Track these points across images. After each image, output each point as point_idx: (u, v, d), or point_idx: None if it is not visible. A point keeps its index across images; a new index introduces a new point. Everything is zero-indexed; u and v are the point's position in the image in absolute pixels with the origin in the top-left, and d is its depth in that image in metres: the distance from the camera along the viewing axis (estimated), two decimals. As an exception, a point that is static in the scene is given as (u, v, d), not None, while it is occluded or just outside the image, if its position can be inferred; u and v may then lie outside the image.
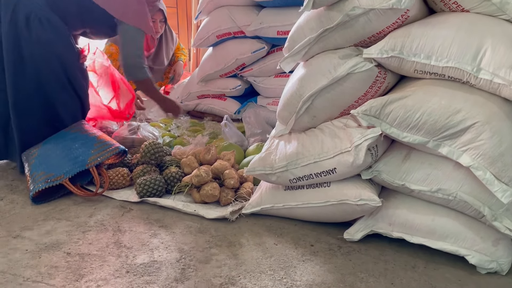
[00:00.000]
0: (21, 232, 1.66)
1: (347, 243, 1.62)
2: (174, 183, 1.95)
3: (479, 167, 1.32)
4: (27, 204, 1.89)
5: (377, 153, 1.52)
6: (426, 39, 1.38)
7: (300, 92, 1.60)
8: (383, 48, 1.44)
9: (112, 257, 1.51)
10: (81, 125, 2.14)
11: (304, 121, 1.66)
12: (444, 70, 1.38)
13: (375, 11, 1.41)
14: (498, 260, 1.44)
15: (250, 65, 2.78)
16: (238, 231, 1.70)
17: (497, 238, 1.45)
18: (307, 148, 1.61)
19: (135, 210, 1.85)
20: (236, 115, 2.88)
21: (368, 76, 1.49)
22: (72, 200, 1.92)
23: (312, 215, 1.69)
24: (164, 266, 1.47)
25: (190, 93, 3.08)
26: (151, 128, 2.51)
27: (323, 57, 1.58)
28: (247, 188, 1.91)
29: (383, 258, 1.54)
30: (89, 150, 1.97)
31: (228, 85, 2.90)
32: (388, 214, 1.56)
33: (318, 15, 1.55)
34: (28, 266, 1.46)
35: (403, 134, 1.43)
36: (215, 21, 2.80)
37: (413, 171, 1.47)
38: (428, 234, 1.50)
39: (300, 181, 1.65)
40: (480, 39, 1.33)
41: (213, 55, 2.90)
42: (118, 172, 2.02)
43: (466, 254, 1.46)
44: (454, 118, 1.34)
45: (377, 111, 1.44)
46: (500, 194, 1.30)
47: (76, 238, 1.63)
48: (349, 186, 1.57)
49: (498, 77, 1.29)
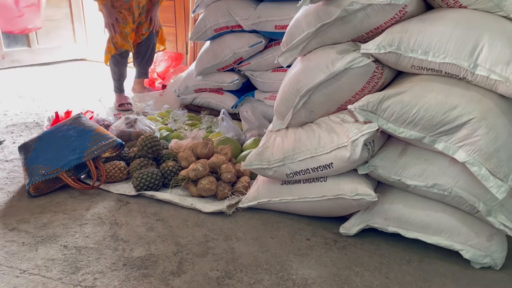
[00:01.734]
0: (18, 225, 1.66)
1: (343, 238, 1.64)
2: (171, 177, 1.96)
3: (474, 163, 1.33)
4: (24, 197, 1.89)
5: (373, 148, 1.53)
6: (424, 35, 1.38)
7: (297, 87, 1.60)
8: (380, 44, 1.44)
9: (109, 250, 1.52)
10: (78, 119, 2.13)
11: (301, 116, 1.66)
12: (441, 66, 1.38)
13: (373, 6, 1.41)
14: (492, 255, 1.45)
15: (248, 59, 2.78)
16: (235, 225, 1.71)
17: (491, 233, 1.46)
18: (304, 143, 1.61)
19: (132, 204, 1.85)
20: (233, 109, 2.88)
21: (365, 71, 1.49)
22: (69, 193, 1.92)
23: (308, 209, 1.70)
24: (160, 260, 1.47)
25: (187, 87, 3.07)
26: (148, 122, 2.50)
27: (320, 52, 1.58)
28: (244, 182, 1.92)
29: (379, 253, 1.56)
30: (86, 143, 1.96)
31: (226, 79, 2.89)
32: (384, 209, 1.57)
33: (316, 10, 1.54)
34: (25, 258, 1.46)
35: (399, 130, 1.44)
36: (213, 14, 2.79)
37: (409, 166, 1.48)
38: (423, 229, 1.51)
39: (296, 176, 1.65)
40: (477, 36, 1.33)
41: (211, 49, 2.89)
42: (115, 165, 2.02)
43: (460, 249, 1.47)
44: (451, 114, 1.34)
45: (374, 107, 1.44)
46: (495, 189, 1.31)
47: (72, 231, 1.63)
48: (346, 181, 1.58)
49: (495, 73, 1.30)
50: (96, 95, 3.53)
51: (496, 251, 1.45)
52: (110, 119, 2.58)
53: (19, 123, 2.86)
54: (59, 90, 3.75)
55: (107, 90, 3.55)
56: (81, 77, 4.10)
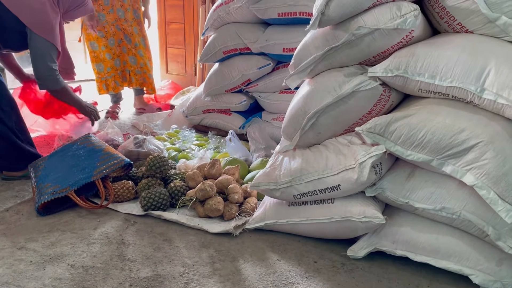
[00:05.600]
0: (26, 244, 1.67)
1: (350, 261, 1.62)
2: (179, 197, 1.96)
3: (482, 186, 1.32)
4: (33, 215, 1.90)
5: (381, 170, 1.53)
6: (430, 59, 1.40)
7: (305, 108, 1.61)
8: (388, 67, 1.46)
9: (115, 270, 1.51)
10: (88, 138, 2.16)
11: (309, 138, 1.67)
12: (448, 89, 1.39)
13: (380, 31, 1.44)
14: (502, 280, 1.43)
15: (256, 81, 2.81)
16: (242, 246, 1.70)
17: (501, 258, 1.44)
18: (312, 164, 1.62)
19: (139, 223, 1.85)
20: (240, 130, 2.90)
21: (372, 94, 1.51)
22: (77, 212, 1.93)
23: (315, 231, 1.70)
24: (167, 280, 1.47)
25: (195, 108, 3.10)
26: (157, 142, 2.53)
27: (328, 75, 1.60)
28: (251, 203, 1.92)
29: (387, 276, 1.54)
30: (95, 163, 1.99)
31: (234, 100, 2.92)
32: (392, 232, 1.56)
33: (324, 34, 1.57)
34: (32, 277, 1.46)
35: (407, 152, 1.44)
36: (222, 37, 2.84)
37: (417, 189, 1.48)
38: (432, 253, 1.50)
39: (304, 197, 1.65)
40: (484, 60, 1.35)
41: (219, 70, 2.93)
42: (123, 185, 2.04)
43: (470, 273, 1.45)
44: (458, 137, 1.35)
45: (381, 129, 1.45)
46: (504, 213, 1.30)
47: (80, 250, 1.63)
48: (353, 203, 1.58)
49: (502, 97, 1.31)
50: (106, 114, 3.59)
51: (506, 276, 1.43)
52: (119, 139, 2.61)
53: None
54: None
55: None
56: (91, 97, 4.15)
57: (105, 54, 3.37)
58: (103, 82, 3.44)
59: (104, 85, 3.45)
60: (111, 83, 3.46)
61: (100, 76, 3.42)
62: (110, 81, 3.45)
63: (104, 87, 3.46)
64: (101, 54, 3.36)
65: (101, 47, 3.35)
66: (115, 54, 3.40)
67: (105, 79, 3.42)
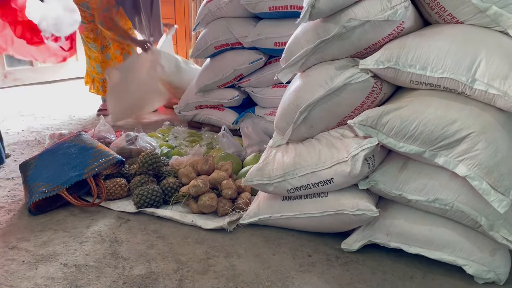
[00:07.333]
0: (18, 243, 1.65)
1: (344, 254, 1.62)
2: (172, 194, 1.95)
3: (475, 177, 1.33)
4: (24, 215, 1.88)
5: (374, 163, 1.53)
6: (421, 50, 1.39)
7: (297, 102, 1.61)
8: (379, 59, 1.45)
9: (109, 268, 1.50)
10: (79, 136, 2.14)
11: (301, 131, 1.67)
12: (439, 80, 1.39)
13: (370, 23, 1.43)
14: (496, 270, 1.44)
15: (248, 75, 2.80)
16: (236, 241, 1.70)
17: (494, 248, 1.45)
18: (305, 158, 1.61)
19: (132, 221, 1.84)
20: (233, 125, 2.89)
21: (364, 86, 1.50)
22: (69, 211, 1.92)
23: (309, 225, 1.69)
24: (161, 277, 1.46)
25: (188, 104, 3.09)
26: (149, 139, 2.51)
27: (319, 68, 1.59)
28: (244, 198, 1.91)
29: (381, 269, 1.54)
30: (86, 160, 1.97)
31: (226, 95, 2.91)
32: (385, 224, 1.56)
33: (314, 27, 1.56)
34: (25, 277, 1.45)
35: (399, 144, 1.44)
36: (213, 32, 2.83)
37: (410, 181, 1.48)
38: (426, 244, 1.50)
39: (297, 191, 1.65)
40: (474, 51, 1.34)
41: (211, 65, 2.92)
42: (116, 182, 2.02)
43: (463, 264, 1.46)
44: (450, 128, 1.35)
45: (373, 122, 1.45)
46: (496, 204, 1.31)
47: (73, 249, 1.62)
48: (346, 196, 1.57)
49: (493, 87, 1.31)
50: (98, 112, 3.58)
51: (499, 266, 1.44)
52: (111, 137, 2.59)
53: (21, 141, 2.87)
54: (60, 108, 3.77)
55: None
56: (82, 95, 4.12)
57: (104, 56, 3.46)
58: (100, 84, 3.51)
59: (102, 86, 3.51)
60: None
61: (99, 77, 3.49)
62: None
63: (101, 89, 3.53)
64: (100, 56, 3.43)
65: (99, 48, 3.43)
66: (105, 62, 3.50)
67: (102, 81, 3.49)
